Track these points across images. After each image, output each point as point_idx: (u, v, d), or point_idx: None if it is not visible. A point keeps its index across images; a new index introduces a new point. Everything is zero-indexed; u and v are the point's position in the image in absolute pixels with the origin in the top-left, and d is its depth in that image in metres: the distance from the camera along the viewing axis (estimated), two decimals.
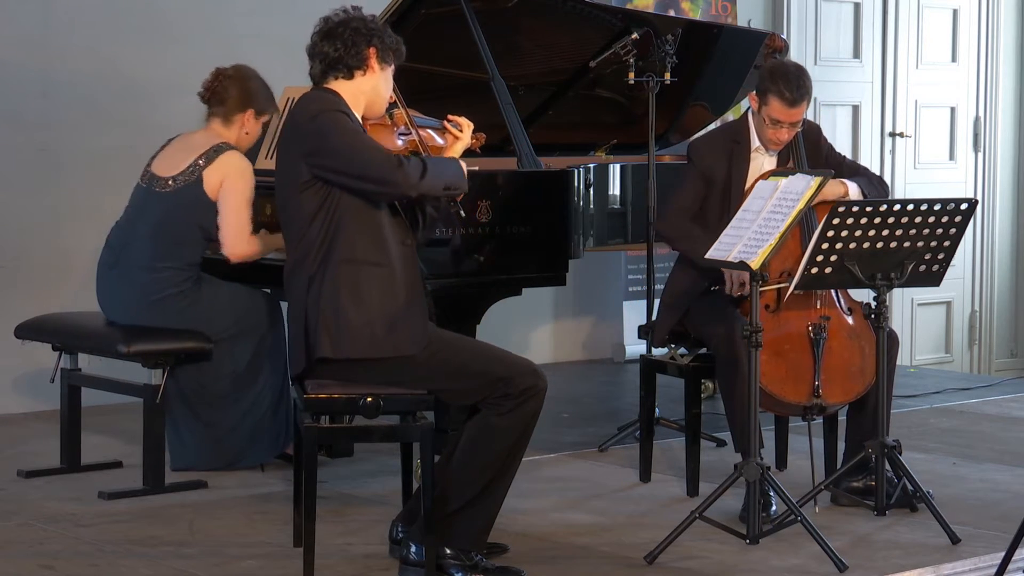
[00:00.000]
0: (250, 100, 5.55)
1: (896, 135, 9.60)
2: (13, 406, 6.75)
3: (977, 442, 6.46)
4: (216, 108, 5.55)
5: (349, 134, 4.32)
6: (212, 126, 5.55)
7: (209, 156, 5.41)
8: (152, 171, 5.51)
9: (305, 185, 4.32)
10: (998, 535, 4.85)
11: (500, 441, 4.32)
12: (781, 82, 5.18)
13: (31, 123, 6.83)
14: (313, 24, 4.56)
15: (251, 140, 5.61)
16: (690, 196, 5.40)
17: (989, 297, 10.10)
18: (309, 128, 4.33)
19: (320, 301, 4.30)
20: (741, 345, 4.82)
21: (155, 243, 5.40)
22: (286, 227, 4.44)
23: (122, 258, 5.46)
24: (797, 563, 4.62)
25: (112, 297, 5.49)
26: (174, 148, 5.55)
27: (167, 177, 5.44)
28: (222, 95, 5.53)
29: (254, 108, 5.56)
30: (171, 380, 5.38)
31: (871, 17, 9.42)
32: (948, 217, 4.79)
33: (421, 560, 4.31)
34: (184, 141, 5.54)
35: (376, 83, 4.49)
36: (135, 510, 5.14)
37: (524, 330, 8.26)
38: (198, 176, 5.39)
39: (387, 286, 4.33)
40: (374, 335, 4.30)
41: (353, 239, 4.32)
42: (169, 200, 5.41)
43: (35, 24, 6.81)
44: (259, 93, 5.58)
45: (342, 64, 4.44)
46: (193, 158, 5.42)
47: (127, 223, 5.53)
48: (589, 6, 6.52)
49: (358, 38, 4.45)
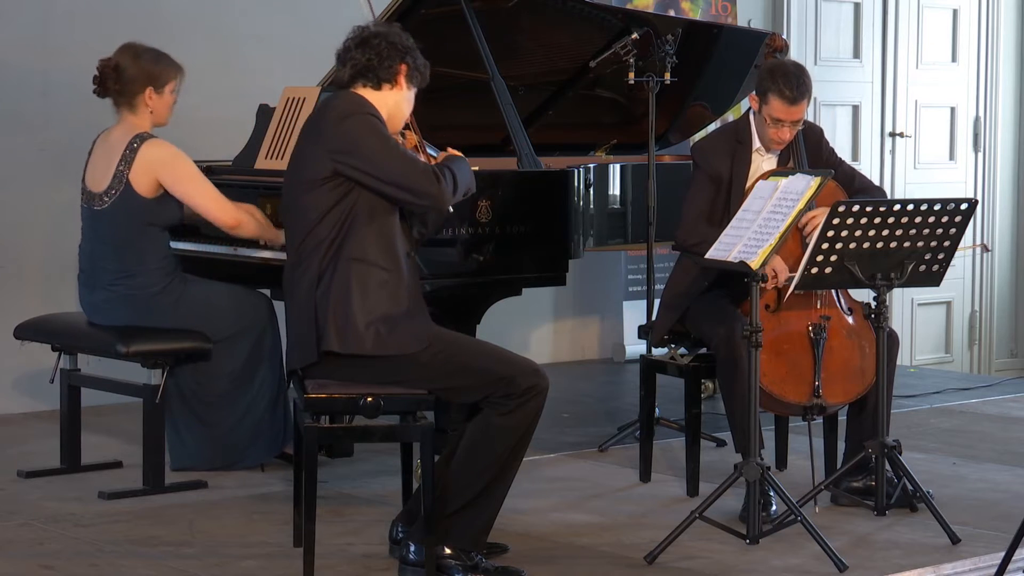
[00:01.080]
0: (144, 79, 5.41)
1: (896, 135, 9.60)
2: (13, 406, 6.75)
3: (977, 442, 6.46)
4: (116, 99, 5.45)
5: (385, 140, 4.33)
6: (123, 118, 5.45)
7: (127, 158, 5.33)
8: (88, 188, 5.47)
9: (324, 181, 4.31)
10: (998, 535, 4.85)
11: (501, 441, 4.32)
12: (781, 81, 5.18)
13: (31, 123, 6.83)
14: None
15: (164, 113, 5.45)
16: (704, 201, 5.36)
17: (989, 297, 10.10)
18: (339, 128, 4.32)
19: (330, 297, 4.30)
20: (741, 345, 4.82)
21: (118, 255, 5.37)
22: (292, 222, 4.42)
23: (94, 277, 5.45)
24: (797, 563, 4.62)
25: (99, 315, 5.45)
26: (97, 155, 5.47)
27: (100, 193, 5.40)
28: (112, 87, 5.43)
29: (152, 85, 5.42)
30: (171, 380, 5.38)
31: (871, 17, 9.42)
32: (948, 217, 4.80)
33: (420, 560, 4.31)
34: (103, 144, 5.47)
35: (400, 100, 4.48)
36: (135, 510, 5.14)
37: (524, 330, 8.26)
38: (126, 182, 5.33)
39: (393, 290, 4.33)
40: (379, 333, 4.30)
41: (365, 241, 4.31)
42: (111, 215, 5.37)
43: (35, 24, 6.81)
44: (149, 67, 5.43)
45: (372, 74, 4.43)
46: (115, 165, 5.35)
47: (87, 244, 5.51)
48: (589, 6, 6.52)
49: (392, 52, 4.44)
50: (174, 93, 5.50)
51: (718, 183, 5.35)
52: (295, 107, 5.76)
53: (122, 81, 5.42)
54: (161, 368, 5.31)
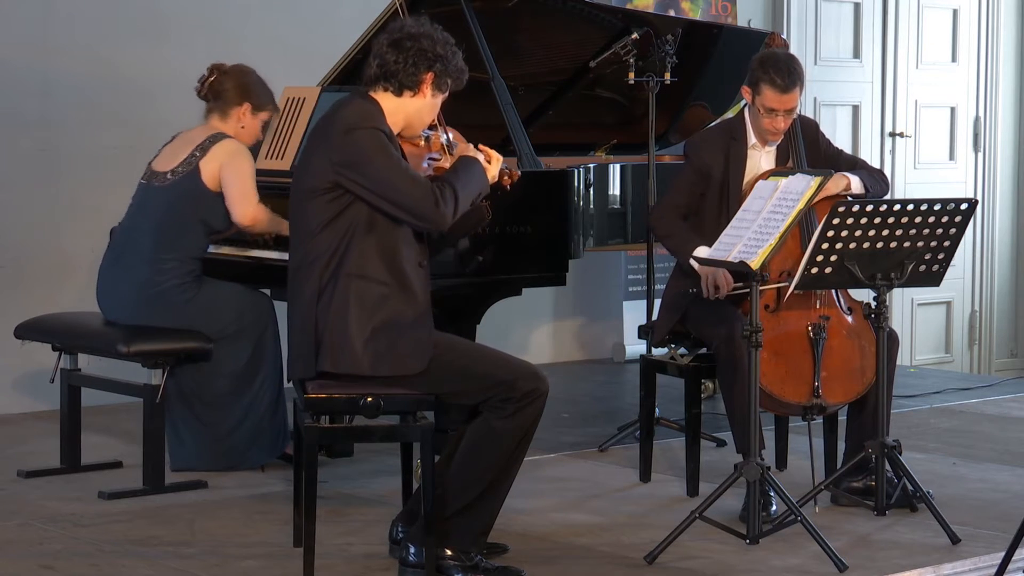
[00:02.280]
0: (247, 94, 5.54)
1: (896, 135, 9.60)
2: (13, 406, 6.75)
3: (977, 442, 6.46)
4: (213, 103, 5.55)
5: (389, 157, 4.26)
6: (210, 122, 5.56)
7: (204, 146, 5.42)
8: (152, 168, 5.54)
9: (325, 191, 4.27)
10: (998, 535, 4.85)
11: (501, 445, 4.31)
12: (772, 70, 5.20)
13: (31, 123, 6.83)
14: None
15: (250, 136, 5.58)
16: (684, 193, 5.41)
17: (989, 297, 10.10)
18: (343, 139, 4.25)
19: (329, 313, 4.27)
20: (741, 345, 4.82)
21: (157, 236, 5.40)
22: (296, 225, 4.40)
23: (124, 253, 5.47)
24: (797, 563, 4.62)
25: (112, 294, 5.49)
26: (173, 145, 5.57)
27: (165, 171, 5.46)
28: (218, 90, 5.53)
29: (251, 103, 5.55)
30: (171, 380, 5.38)
31: (871, 17, 9.42)
32: (948, 217, 4.79)
33: (420, 562, 4.30)
34: (183, 138, 5.56)
35: (421, 107, 4.41)
36: (135, 510, 5.14)
37: (524, 330, 8.26)
38: (195, 167, 5.39)
39: (395, 306, 4.29)
40: (377, 353, 4.26)
41: (366, 255, 4.27)
42: (168, 193, 5.41)
43: (35, 24, 6.81)
44: (256, 88, 5.57)
45: (395, 79, 4.35)
46: (190, 150, 5.43)
47: (129, 220, 5.55)
48: (589, 6, 6.52)
49: (420, 60, 4.35)
50: (265, 124, 5.62)
51: (705, 178, 5.36)
52: (295, 107, 5.77)
53: (226, 87, 5.51)
54: (161, 368, 5.31)
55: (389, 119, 4.37)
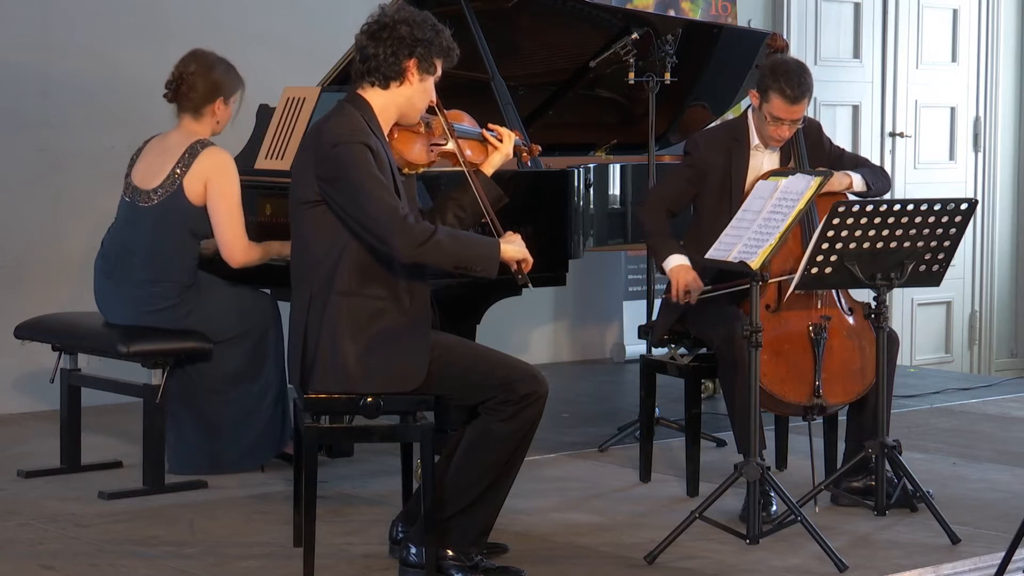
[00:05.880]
0: (217, 89, 5.47)
1: (896, 135, 9.60)
2: (13, 406, 6.75)
3: (977, 442, 6.46)
4: (184, 104, 5.49)
5: (365, 177, 4.17)
6: (184, 124, 5.49)
7: (186, 162, 5.36)
8: (134, 183, 5.46)
9: (313, 204, 4.25)
10: (998, 535, 4.85)
11: (500, 446, 4.30)
12: (783, 79, 5.17)
13: (31, 123, 6.83)
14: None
15: (227, 120, 5.53)
16: (675, 189, 5.41)
17: (989, 297, 10.10)
18: (329, 153, 4.21)
19: (320, 328, 4.25)
20: (742, 345, 4.82)
21: (149, 259, 5.37)
22: (293, 232, 4.38)
23: (117, 271, 5.44)
24: (797, 563, 4.62)
25: (110, 305, 5.48)
26: (151, 154, 5.49)
27: (149, 190, 5.40)
28: (187, 92, 5.47)
29: (222, 96, 5.49)
30: (171, 380, 5.37)
31: (871, 17, 9.43)
32: (948, 217, 4.79)
33: (420, 562, 4.30)
34: (159, 144, 5.50)
35: (411, 95, 4.34)
36: (135, 510, 5.14)
37: (524, 330, 8.26)
38: (179, 186, 5.35)
39: (390, 320, 4.26)
40: (370, 369, 4.24)
41: (357, 269, 4.23)
42: (154, 214, 5.37)
43: (35, 24, 6.81)
44: (223, 79, 5.49)
45: (379, 72, 4.30)
46: (171, 166, 5.37)
47: (118, 236, 5.49)
48: (589, 6, 6.52)
49: (399, 48, 4.28)
50: (237, 104, 5.56)
51: (703, 177, 5.34)
52: (295, 107, 5.76)
53: (196, 89, 5.46)
54: (161, 368, 5.31)
55: (381, 115, 4.33)
